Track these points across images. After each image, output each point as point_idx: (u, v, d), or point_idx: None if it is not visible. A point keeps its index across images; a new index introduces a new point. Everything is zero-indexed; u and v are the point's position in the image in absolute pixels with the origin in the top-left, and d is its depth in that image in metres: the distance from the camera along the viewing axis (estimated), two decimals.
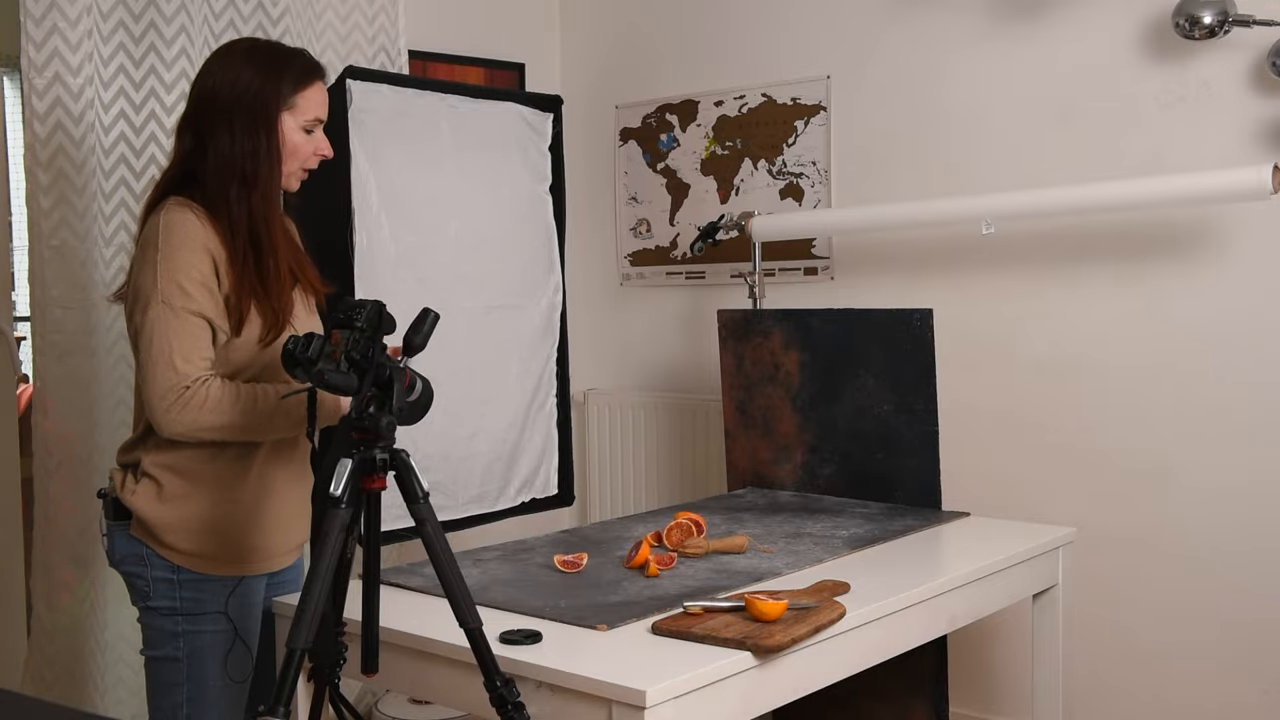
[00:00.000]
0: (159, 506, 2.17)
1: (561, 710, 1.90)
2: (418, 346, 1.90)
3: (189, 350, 2.08)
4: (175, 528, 2.17)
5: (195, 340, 2.09)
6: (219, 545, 2.20)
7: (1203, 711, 3.23)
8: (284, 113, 2.20)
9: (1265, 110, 3.08)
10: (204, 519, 2.18)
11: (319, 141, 2.27)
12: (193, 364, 2.08)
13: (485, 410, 3.39)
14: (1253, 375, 3.13)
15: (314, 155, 2.27)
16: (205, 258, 2.11)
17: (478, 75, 4.18)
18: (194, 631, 2.20)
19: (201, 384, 2.08)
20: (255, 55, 2.22)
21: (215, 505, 2.19)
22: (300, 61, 2.24)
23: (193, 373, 2.08)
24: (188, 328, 2.08)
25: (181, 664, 2.20)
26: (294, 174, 2.27)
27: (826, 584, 2.29)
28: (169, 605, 2.19)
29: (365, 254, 3.08)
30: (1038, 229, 3.43)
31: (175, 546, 2.17)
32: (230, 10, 3.31)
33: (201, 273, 2.10)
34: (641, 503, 4.25)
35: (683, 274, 4.23)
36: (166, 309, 2.07)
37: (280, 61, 2.22)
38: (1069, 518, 3.27)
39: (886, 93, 3.72)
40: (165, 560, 2.18)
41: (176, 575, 2.18)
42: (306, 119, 2.23)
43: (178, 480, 2.17)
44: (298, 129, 2.22)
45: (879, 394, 3.10)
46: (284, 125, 2.20)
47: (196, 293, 2.09)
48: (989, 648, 3.57)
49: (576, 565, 2.46)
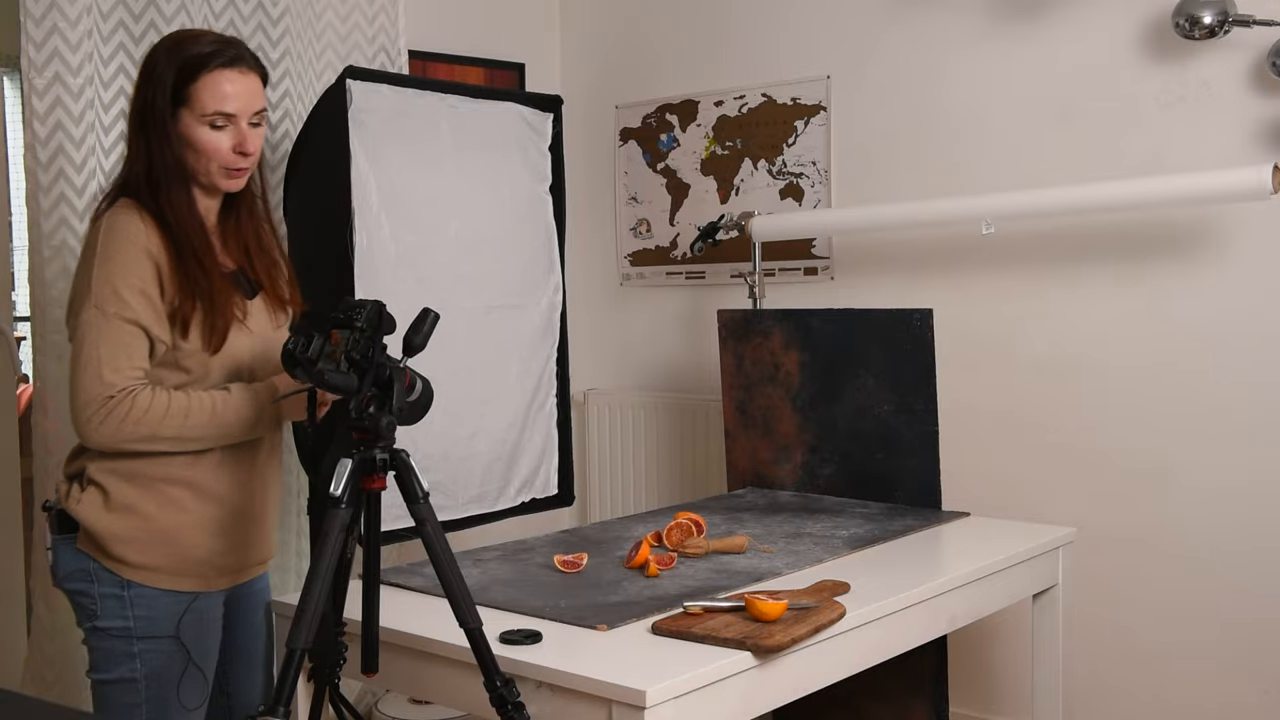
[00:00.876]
0: (106, 515, 2.03)
1: (561, 710, 1.90)
2: (418, 346, 1.90)
3: (118, 359, 1.96)
4: (123, 538, 2.03)
5: (126, 349, 1.97)
6: (171, 557, 2.06)
7: (1203, 711, 3.23)
8: (180, 110, 2.04)
9: (1265, 110, 3.08)
10: (154, 528, 2.05)
11: (238, 137, 2.07)
12: (121, 374, 1.96)
13: (485, 410, 3.39)
14: (1252, 375, 3.13)
15: (232, 152, 2.07)
16: (146, 263, 1.99)
17: (478, 75, 4.18)
18: (150, 650, 2.05)
19: (127, 395, 1.96)
20: (164, 48, 2.07)
21: (166, 513, 2.06)
22: (194, 50, 2.04)
23: (119, 383, 1.96)
24: (120, 335, 1.97)
25: (139, 685, 2.05)
26: (217, 174, 2.08)
27: (826, 584, 2.30)
28: (120, 625, 2.04)
29: (365, 254, 3.08)
30: (1038, 229, 3.43)
31: (124, 559, 2.03)
32: (230, 10, 3.31)
33: (141, 278, 1.98)
34: (641, 503, 4.25)
35: (683, 274, 4.23)
36: (99, 314, 1.96)
37: (175, 54, 2.05)
38: (1069, 518, 3.27)
39: (886, 93, 3.72)
40: (113, 575, 2.03)
41: (126, 591, 2.04)
42: (206, 113, 2.04)
43: (125, 486, 2.04)
44: (200, 125, 2.04)
45: (879, 394, 3.10)
46: (183, 124, 2.04)
47: (133, 299, 1.97)
48: (989, 648, 3.57)
49: (576, 565, 2.46)
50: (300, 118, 3.41)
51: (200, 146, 2.06)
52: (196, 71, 2.04)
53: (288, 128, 3.41)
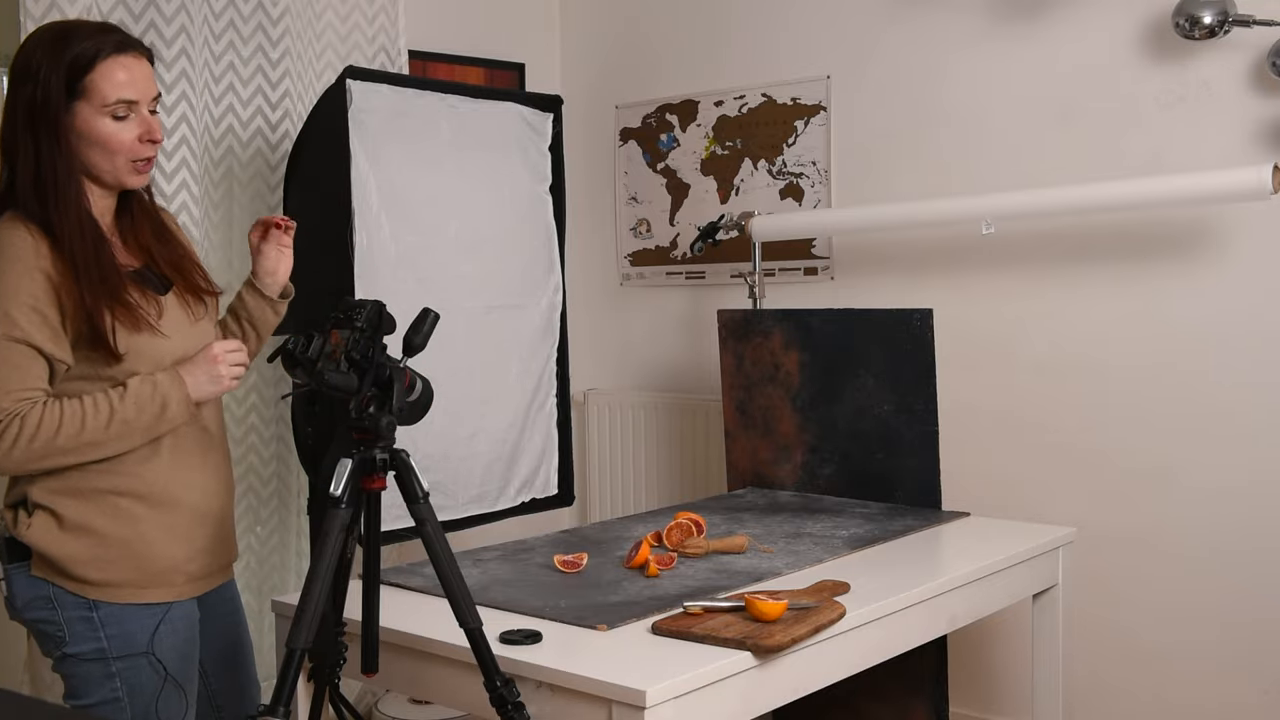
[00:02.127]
0: (60, 537, 1.93)
1: (561, 710, 1.90)
2: (418, 346, 1.90)
3: (10, 382, 1.85)
4: (82, 558, 1.94)
5: (19, 370, 1.86)
6: (136, 569, 1.98)
7: (1203, 711, 3.23)
8: (76, 103, 1.92)
9: (1265, 110, 3.08)
10: (112, 542, 1.96)
11: (143, 125, 1.96)
12: (11, 396, 1.85)
13: (485, 410, 3.39)
14: (1252, 375, 3.13)
15: (138, 142, 1.97)
16: (39, 279, 1.87)
17: (478, 75, 4.18)
18: (129, 669, 1.98)
19: (14, 419, 1.85)
20: (42, 43, 1.93)
21: (121, 525, 1.97)
22: (84, 40, 1.92)
23: (8, 406, 1.85)
24: (11, 357, 1.85)
25: (123, 704, 1.98)
26: (124, 169, 1.98)
27: (826, 584, 2.30)
28: (94, 648, 1.96)
29: (365, 254, 3.08)
30: (1038, 229, 3.43)
31: (86, 579, 1.94)
32: (230, 10, 3.31)
33: (33, 296, 1.86)
34: (641, 503, 4.25)
35: (683, 274, 4.23)
36: None
37: (59, 46, 1.91)
38: (1069, 518, 3.27)
39: (886, 93, 3.72)
40: (78, 597, 1.94)
41: (95, 612, 1.95)
42: (107, 103, 1.92)
43: (75, 504, 1.94)
44: (101, 117, 1.93)
45: (879, 394, 3.11)
46: (80, 118, 1.92)
47: (23, 318, 1.85)
48: (989, 648, 3.57)
49: (576, 565, 2.46)
50: (300, 118, 3.41)
51: (105, 140, 1.94)
52: (91, 61, 1.92)
53: (288, 128, 3.41)
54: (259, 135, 3.38)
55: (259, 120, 3.38)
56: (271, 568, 3.44)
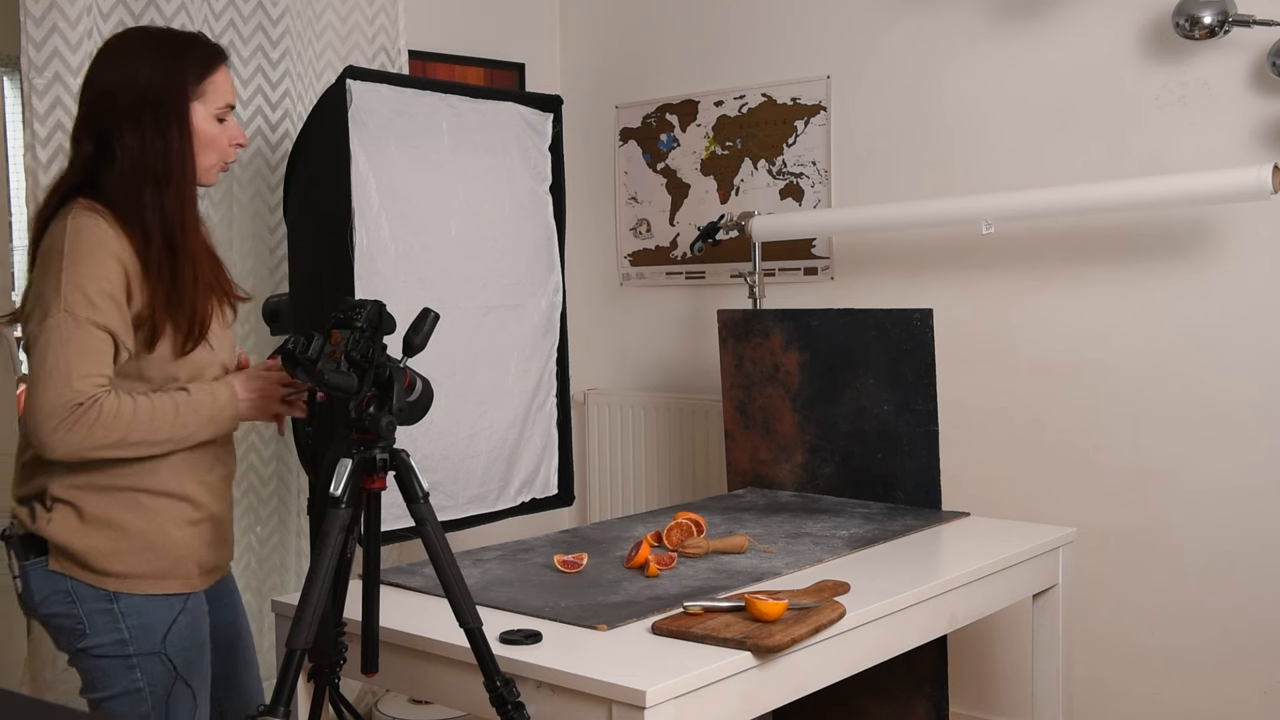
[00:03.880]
0: (84, 531, 1.96)
1: (561, 710, 1.90)
2: (418, 346, 1.90)
3: (86, 365, 1.89)
4: (104, 551, 1.97)
5: (95, 354, 1.90)
6: (153, 562, 2.01)
7: (1202, 712, 3.23)
8: (194, 103, 2.02)
9: (1265, 110, 3.08)
10: (133, 536, 1.99)
11: (233, 130, 2.11)
12: (89, 380, 1.89)
13: (485, 410, 3.39)
14: (1253, 375, 3.13)
15: (230, 145, 2.10)
16: (116, 267, 1.93)
17: (478, 75, 4.18)
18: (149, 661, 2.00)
19: (94, 402, 1.89)
20: (152, 46, 2.04)
21: (141, 519, 2.00)
22: (202, 46, 2.07)
23: (87, 389, 1.89)
24: (89, 341, 1.90)
25: (144, 693, 2.00)
26: (212, 168, 2.09)
27: (826, 584, 2.30)
28: (115, 639, 1.98)
29: (365, 254, 3.08)
30: (1038, 229, 3.43)
31: (107, 570, 1.97)
32: (230, 10, 3.31)
33: (110, 283, 1.92)
34: (641, 503, 4.25)
35: (683, 274, 4.23)
36: (69, 319, 1.88)
37: (181, 49, 2.04)
38: (1069, 518, 3.27)
39: (886, 93, 3.72)
40: (98, 589, 1.97)
41: (115, 604, 1.98)
42: (218, 106, 2.06)
43: (97, 499, 1.97)
44: (210, 118, 2.05)
45: (879, 394, 3.10)
46: (195, 116, 2.03)
47: (103, 304, 1.91)
48: (989, 648, 3.57)
49: (576, 565, 2.46)
50: (300, 118, 3.41)
51: (211, 140, 2.06)
52: (213, 65, 2.06)
53: (288, 128, 3.41)
54: (259, 135, 3.38)
55: (259, 120, 3.38)
56: (271, 568, 3.44)
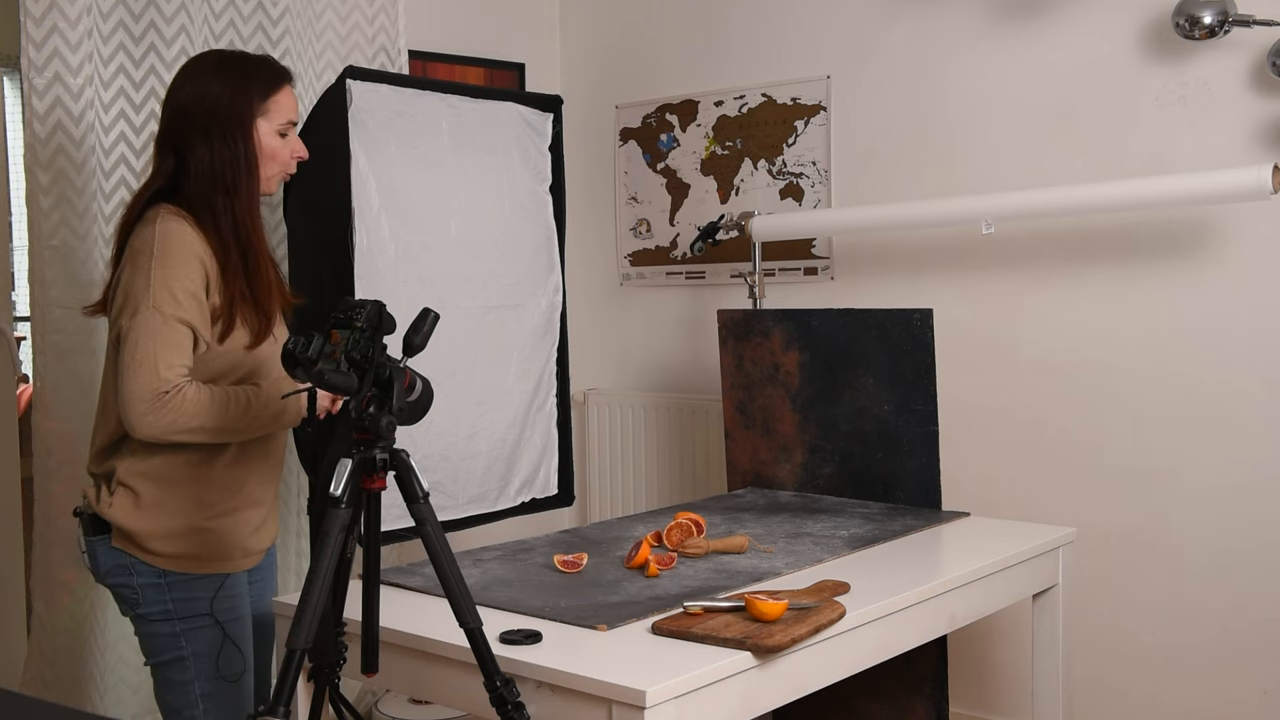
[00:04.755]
0: (138, 515, 2.20)
1: (561, 710, 1.90)
2: (418, 346, 1.90)
3: (172, 357, 2.11)
4: (156, 534, 2.21)
5: (179, 347, 2.13)
6: (201, 545, 2.25)
7: (1203, 711, 3.23)
8: (258, 119, 2.26)
9: (1265, 110, 3.08)
10: (183, 522, 2.22)
11: (294, 144, 2.34)
12: (174, 370, 2.11)
13: (485, 410, 3.39)
14: (1253, 375, 3.13)
15: (291, 158, 2.34)
16: (198, 268, 2.16)
17: (478, 75, 4.18)
18: (192, 630, 2.24)
19: (178, 391, 2.11)
20: (224, 67, 2.28)
21: (193, 508, 2.23)
22: (268, 68, 2.31)
23: (173, 379, 2.10)
24: (174, 335, 2.12)
25: (188, 661, 2.24)
26: (274, 177, 2.33)
27: (826, 584, 2.30)
28: (161, 610, 2.23)
29: (365, 254, 3.08)
30: (1038, 229, 3.43)
31: (159, 551, 2.21)
32: (230, 10, 3.31)
33: (194, 282, 2.15)
34: (641, 503, 4.25)
35: (683, 274, 4.23)
36: (156, 314, 2.11)
37: (249, 70, 2.28)
38: (1069, 518, 3.27)
39: (886, 93, 3.72)
40: (151, 566, 2.22)
41: (164, 579, 2.22)
42: (280, 123, 2.30)
43: (154, 487, 2.21)
44: (273, 133, 2.28)
45: (879, 394, 3.10)
46: (259, 131, 2.27)
47: (186, 301, 2.13)
48: (989, 648, 3.57)
49: (576, 565, 2.46)
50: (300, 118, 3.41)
51: (274, 153, 2.29)
52: (277, 85, 2.29)
53: None
54: None
55: None
56: None
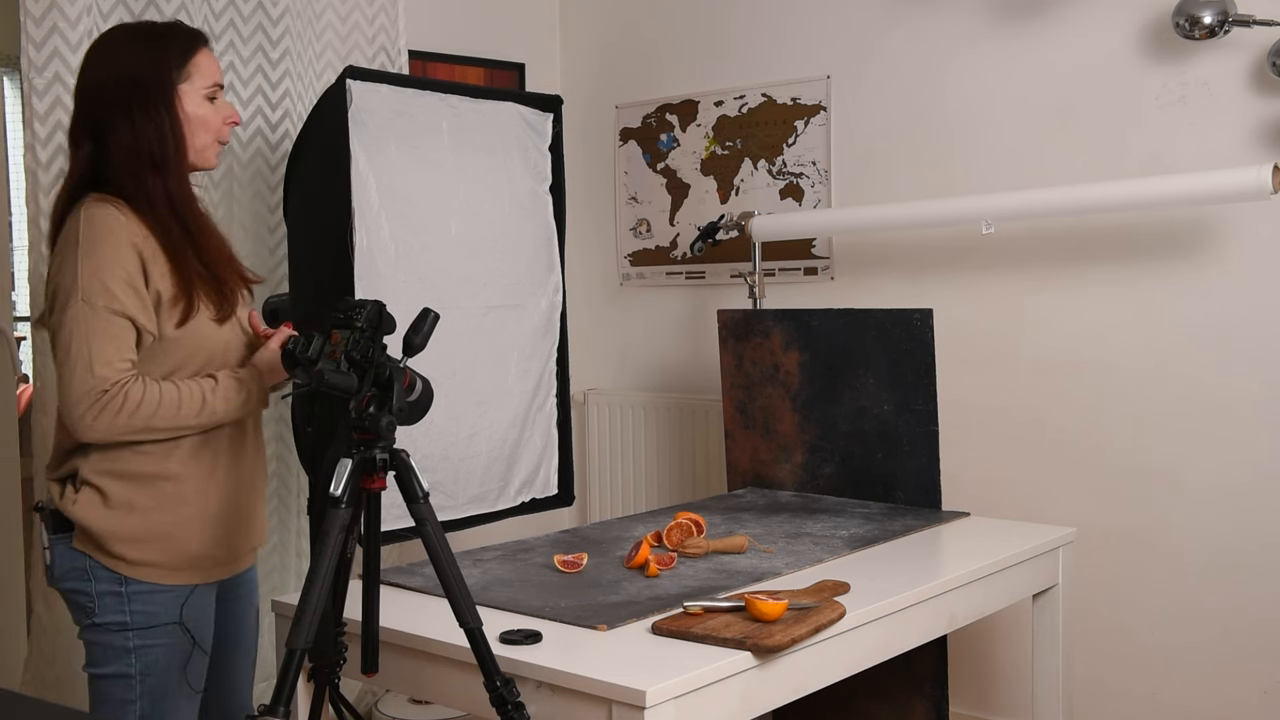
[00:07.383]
0: (105, 514, 2.03)
1: (561, 710, 1.90)
2: (418, 346, 1.90)
3: (109, 352, 1.96)
4: (123, 536, 2.04)
5: (116, 341, 1.97)
6: (170, 552, 2.08)
7: (1203, 711, 3.23)
8: (180, 85, 2.08)
9: (1265, 110, 3.08)
10: (153, 525, 2.06)
11: (225, 109, 2.16)
12: (112, 367, 1.96)
13: (485, 410, 3.39)
14: (1253, 375, 3.13)
15: (224, 124, 2.16)
16: (131, 254, 1.99)
17: (478, 75, 4.18)
18: (147, 646, 2.06)
19: (120, 388, 1.96)
20: (133, 37, 2.12)
21: (164, 509, 2.07)
22: (182, 31, 2.14)
23: (111, 376, 1.96)
24: (109, 328, 1.96)
25: (134, 680, 2.06)
26: (208, 148, 2.14)
27: (826, 584, 2.30)
28: (118, 620, 2.05)
29: (365, 254, 3.08)
30: (1038, 229, 3.43)
31: (123, 556, 2.04)
32: (230, 10, 3.31)
33: (127, 270, 1.98)
34: (641, 503, 4.25)
35: (683, 274, 4.23)
36: (86, 308, 1.95)
37: (160, 36, 2.11)
38: (1069, 518, 3.27)
39: (886, 93, 3.72)
40: (112, 572, 2.04)
41: (125, 588, 2.05)
42: (205, 86, 2.11)
43: (122, 485, 2.04)
44: (199, 99, 2.10)
45: (879, 394, 3.10)
46: (183, 98, 2.09)
47: (120, 291, 1.97)
48: (989, 648, 3.57)
49: (576, 565, 2.46)
50: (300, 118, 3.41)
51: (204, 120, 2.11)
52: (194, 47, 2.12)
53: (288, 128, 3.41)
54: (259, 135, 3.38)
55: (259, 120, 3.38)
56: (271, 568, 3.44)
